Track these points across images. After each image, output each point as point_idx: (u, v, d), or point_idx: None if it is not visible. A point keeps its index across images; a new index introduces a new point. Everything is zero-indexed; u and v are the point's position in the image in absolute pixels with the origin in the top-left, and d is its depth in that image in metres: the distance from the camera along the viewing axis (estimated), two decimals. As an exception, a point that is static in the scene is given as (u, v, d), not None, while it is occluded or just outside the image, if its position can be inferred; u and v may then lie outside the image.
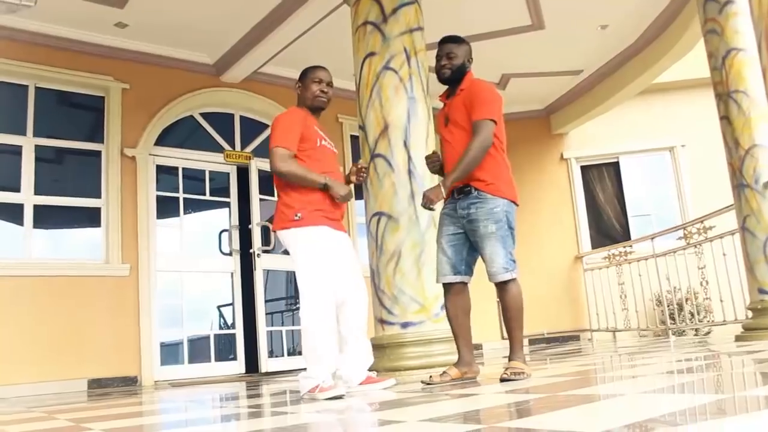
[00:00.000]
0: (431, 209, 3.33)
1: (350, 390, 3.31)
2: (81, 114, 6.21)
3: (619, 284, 7.64)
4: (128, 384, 5.68)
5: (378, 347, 4.12)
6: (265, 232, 6.44)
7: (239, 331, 6.52)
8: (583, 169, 8.98)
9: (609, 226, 8.84)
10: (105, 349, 5.64)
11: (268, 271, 6.58)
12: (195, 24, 5.95)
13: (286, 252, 6.94)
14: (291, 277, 8.17)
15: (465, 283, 3.46)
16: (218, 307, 7.30)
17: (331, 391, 2.99)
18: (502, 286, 3.28)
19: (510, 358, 3.26)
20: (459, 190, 3.38)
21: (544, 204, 8.77)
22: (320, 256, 3.19)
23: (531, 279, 8.63)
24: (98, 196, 5.98)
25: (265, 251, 6.44)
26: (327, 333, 3.14)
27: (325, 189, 3.22)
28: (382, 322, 4.15)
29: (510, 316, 3.29)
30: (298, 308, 7.04)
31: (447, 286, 3.44)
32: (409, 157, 4.20)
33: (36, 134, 5.79)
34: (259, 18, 5.80)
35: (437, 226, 3.51)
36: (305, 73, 3.50)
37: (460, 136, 3.39)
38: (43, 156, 5.83)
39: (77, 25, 5.80)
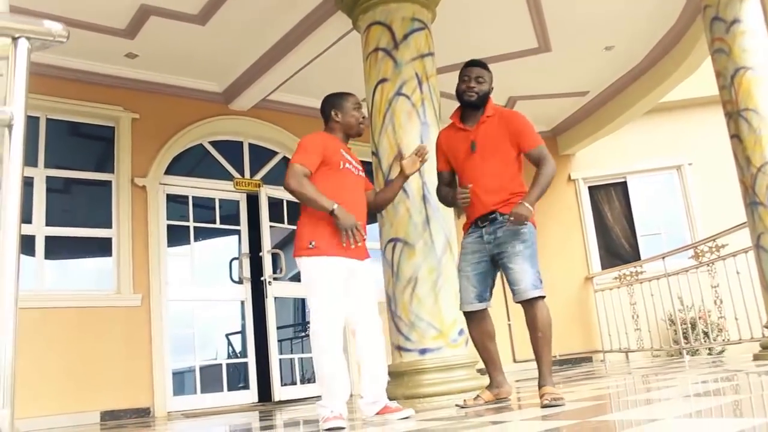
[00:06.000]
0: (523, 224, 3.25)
1: (367, 420, 3.27)
2: (91, 144, 6.24)
3: (631, 304, 7.59)
4: (141, 415, 5.61)
5: (396, 374, 4.08)
6: (275, 259, 6.41)
7: (251, 360, 6.46)
8: (591, 189, 8.98)
9: (618, 246, 8.81)
10: (117, 380, 5.59)
11: (275, 298, 6.49)
12: (203, 53, 6.00)
13: (294, 279, 6.82)
14: (299, 304, 8.12)
15: (486, 309, 3.45)
16: (227, 335, 7.24)
17: (331, 422, 2.96)
18: (531, 304, 3.22)
19: (544, 383, 3.16)
20: (483, 218, 3.38)
21: (552, 225, 8.74)
22: (329, 288, 3.15)
23: (541, 301, 8.60)
24: (109, 226, 5.98)
25: (275, 278, 6.40)
26: (334, 364, 3.09)
27: (332, 215, 3.12)
28: (399, 348, 4.11)
29: (540, 335, 3.21)
30: (307, 335, 7.04)
31: (470, 314, 3.42)
32: (423, 183, 4.19)
33: (47, 165, 5.81)
34: (268, 47, 5.85)
35: (461, 253, 3.49)
36: (340, 100, 3.47)
37: (493, 163, 3.41)
38: (54, 187, 5.84)
39: (88, 56, 5.85)
